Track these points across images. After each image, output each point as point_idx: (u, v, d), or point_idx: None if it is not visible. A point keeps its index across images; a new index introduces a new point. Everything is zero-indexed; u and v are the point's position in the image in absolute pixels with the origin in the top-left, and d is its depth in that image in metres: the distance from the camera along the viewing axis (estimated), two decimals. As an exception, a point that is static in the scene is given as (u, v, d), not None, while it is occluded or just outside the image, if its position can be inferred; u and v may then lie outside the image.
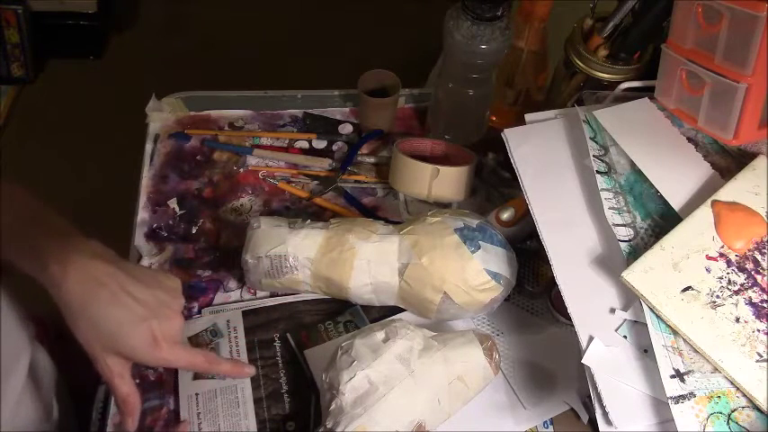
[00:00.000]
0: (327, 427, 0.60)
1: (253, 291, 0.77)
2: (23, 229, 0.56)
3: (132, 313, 0.55)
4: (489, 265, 0.69)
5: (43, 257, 0.54)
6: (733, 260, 0.64)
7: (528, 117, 0.77)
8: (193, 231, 0.82)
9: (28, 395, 0.65)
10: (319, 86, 0.98)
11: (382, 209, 0.85)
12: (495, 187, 0.87)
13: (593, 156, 0.71)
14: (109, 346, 0.56)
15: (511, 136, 0.74)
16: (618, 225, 0.67)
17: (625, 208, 0.69)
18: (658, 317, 0.61)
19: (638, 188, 0.70)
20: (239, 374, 0.65)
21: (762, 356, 0.59)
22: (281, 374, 0.70)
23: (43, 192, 0.58)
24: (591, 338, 0.62)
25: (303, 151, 0.91)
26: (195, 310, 0.75)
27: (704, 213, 0.66)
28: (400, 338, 0.63)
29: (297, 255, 0.70)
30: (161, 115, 0.92)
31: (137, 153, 0.90)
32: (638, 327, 0.63)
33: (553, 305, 0.75)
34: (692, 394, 0.58)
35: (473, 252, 0.69)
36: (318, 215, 0.84)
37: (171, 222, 0.83)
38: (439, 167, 0.79)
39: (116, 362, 0.57)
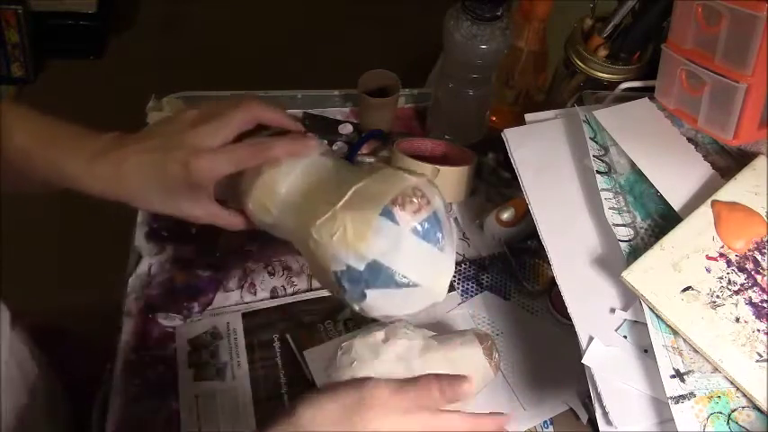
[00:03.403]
0: (327, 427, 0.60)
1: (252, 291, 0.77)
2: (38, 144, 0.55)
3: (150, 150, 0.56)
4: (381, 311, 0.61)
5: (60, 162, 0.54)
6: (733, 260, 0.64)
7: (528, 117, 0.77)
8: (193, 231, 0.82)
9: (9, 395, 0.64)
10: (319, 86, 0.98)
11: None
12: (495, 187, 0.87)
13: (593, 156, 0.71)
14: (159, 191, 0.56)
15: (511, 136, 0.74)
16: (618, 225, 0.67)
17: (625, 208, 0.69)
18: (658, 317, 0.61)
19: (638, 188, 0.70)
20: (299, 147, 0.60)
21: (762, 356, 0.59)
22: (281, 375, 0.70)
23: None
24: (591, 338, 0.62)
25: (303, 151, 0.91)
26: (195, 309, 0.75)
27: (704, 213, 0.66)
28: (400, 338, 0.63)
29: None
30: (161, 115, 0.92)
31: (137, 153, 0.89)
32: (638, 327, 0.63)
33: (553, 305, 0.75)
34: (692, 394, 0.58)
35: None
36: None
37: (171, 222, 0.83)
38: (439, 167, 0.79)
39: (189, 201, 0.57)
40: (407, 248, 0.57)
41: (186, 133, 0.57)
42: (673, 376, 0.59)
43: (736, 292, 0.62)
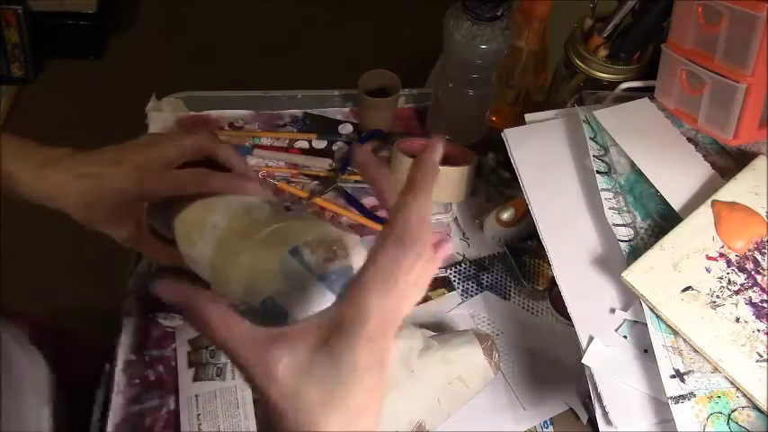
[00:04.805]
0: (327, 427, 0.59)
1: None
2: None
3: (94, 163, 0.57)
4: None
5: (13, 170, 0.56)
6: (733, 260, 0.64)
7: (528, 117, 0.77)
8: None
9: (9, 395, 0.64)
10: (319, 86, 0.98)
11: (382, 209, 0.85)
12: (495, 187, 0.87)
13: (593, 156, 0.71)
14: (93, 204, 0.56)
15: (511, 136, 0.74)
16: (618, 225, 0.67)
17: (625, 208, 0.69)
18: (658, 317, 0.61)
19: (638, 188, 0.70)
20: (239, 185, 0.58)
21: (762, 356, 0.59)
22: (281, 374, 0.70)
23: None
24: (591, 338, 0.63)
25: (303, 151, 0.91)
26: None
27: (704, 213, 0.66)
28: (400, 338, 0.63)
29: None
30: (161, 115, 0.92)
31: (137, 153, 0.89)
32: (638, 327, 0.63)
33: (553, 305, 0.75)
34: (692, 394, 0.58)
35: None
36: (318, 215, 0.84)
37: (171, 222, 0.83)
38: (439, 167, 0.79)
39: (118, 220, 0.57)
40: (308, 294, 0.52)
41: (132, 153, 0.58)
42: (673, 376, 0.59)
43: (736, 292, 0.62)
